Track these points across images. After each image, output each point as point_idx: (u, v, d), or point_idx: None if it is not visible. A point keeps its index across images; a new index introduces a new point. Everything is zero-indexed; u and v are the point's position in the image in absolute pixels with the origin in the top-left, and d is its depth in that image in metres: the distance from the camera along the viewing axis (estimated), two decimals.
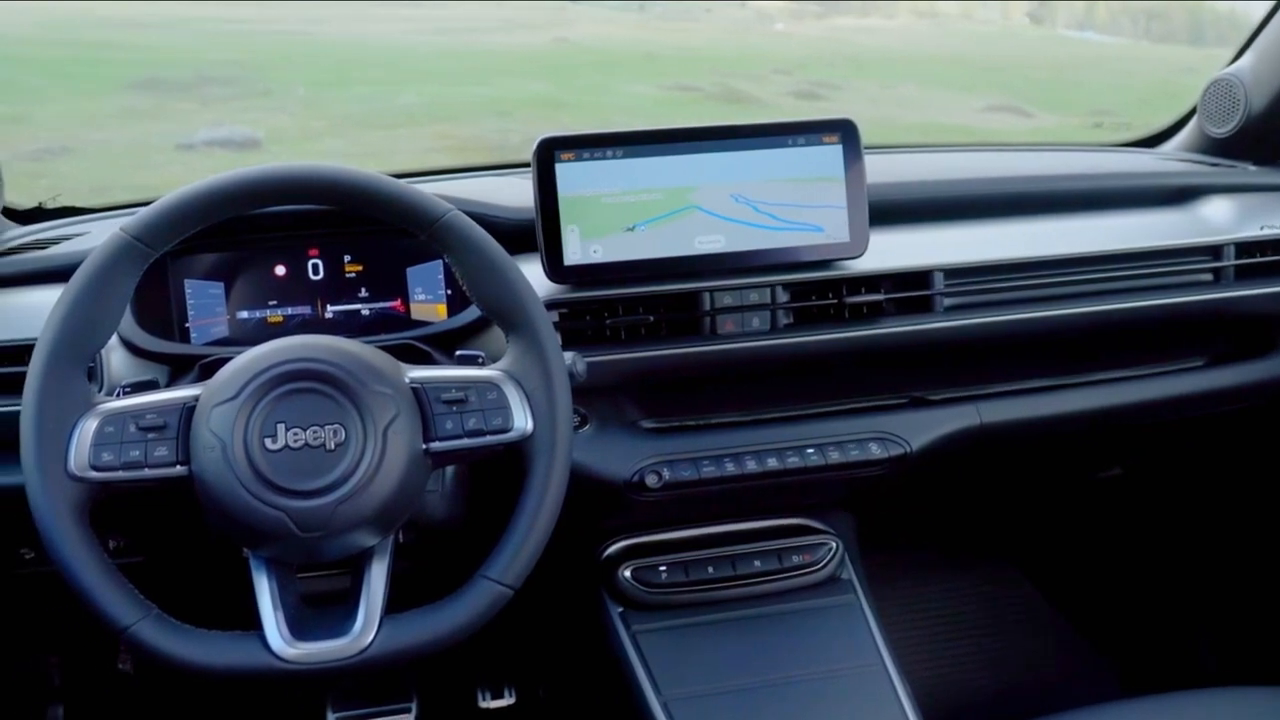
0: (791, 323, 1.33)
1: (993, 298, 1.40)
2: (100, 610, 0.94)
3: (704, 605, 1.42)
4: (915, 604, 1.97)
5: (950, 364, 1.45)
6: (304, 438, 0.95)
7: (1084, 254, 1.44)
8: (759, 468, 1.34)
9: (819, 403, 1.41)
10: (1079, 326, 1.44)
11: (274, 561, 0.99)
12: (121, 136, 6.42)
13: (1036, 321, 1.41)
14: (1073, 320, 1.42)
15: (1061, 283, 1.43)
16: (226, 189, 1.00)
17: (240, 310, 1.31)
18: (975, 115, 8.04)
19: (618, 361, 1.28)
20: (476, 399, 1.01)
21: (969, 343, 1.40)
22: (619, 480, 1.32)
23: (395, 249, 1.34)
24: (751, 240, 1.30)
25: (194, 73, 8.41)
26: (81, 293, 0.97)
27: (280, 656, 0.95)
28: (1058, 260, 1.43)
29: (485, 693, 1.75)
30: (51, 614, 1.57)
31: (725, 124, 1.30)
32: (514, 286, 1.04)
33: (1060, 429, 1.52)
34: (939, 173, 1.63)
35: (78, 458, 0.94)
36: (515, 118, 7.40)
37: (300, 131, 6.84)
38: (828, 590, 1.45)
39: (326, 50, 10.02)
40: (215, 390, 0.97)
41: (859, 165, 1.32)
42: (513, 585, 1.01)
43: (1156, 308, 1.46)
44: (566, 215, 1.26)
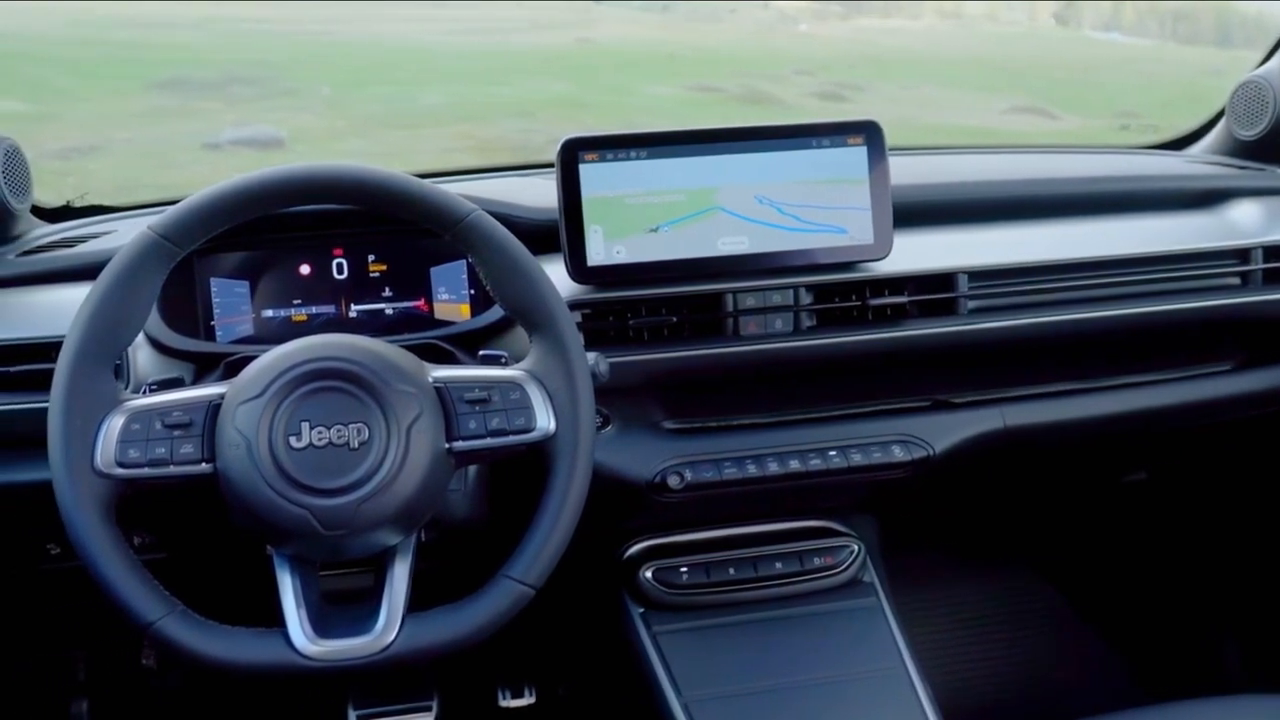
0: (815, 324, 1.33)
1: (1018, 300, 1.39)
2: (125, 606, 0.95)
3: (725, 606, 1.41)
4: (937, 607, 1.96)
5: (974, 367, 1.44)
6: (328, 436, 0.96)
7: (1110, 257, 1.43)
8: (781, 470, 1.34)
9: (841, 405, 1.40)
10: (1105, 330, 1.43)
11: (297, 559, 1.00)
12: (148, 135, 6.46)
13: (1062, 325, 1.40)
14: (1098, 324, 1.41)
15: (1087, 286, 1.42)
16: (253, 188, 1.00)
17: (265, 309, 1.32)
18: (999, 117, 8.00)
19: (640, 362, 1.28)
20: (499, 399, 1.02)
21: (993, 345, 1.39)
22: (641, 481, 1.32)
23: (419, 249, 1.34)
24: (775, 242, 1.30)
25: (220, 72, 8.45)
26: (109, 291, 0.98)
27: (303, 653, 0.96)
28: (1084, 263, 1.42)
29: (505, 692, 1.75)
30: (76, 609, 1.58)
31: (749, 125, 1.31)
32: (537, 287, 1.04)
33: (1085, 433, 1.51)
34: (963, 174, 1.62)
35: (104, 454, 0.95)
36: (537, 118, 7.41)
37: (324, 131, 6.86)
38: (849, 593, 1.44)
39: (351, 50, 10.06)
40: (240, 388, 0.98)
41: (883, 167, 1.32)
42: (534, 585, 1.01)
43: (1183, 311, 1.45)
44: (590, 216, 1.26)
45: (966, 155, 1.86)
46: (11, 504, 1.29)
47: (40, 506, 1.09)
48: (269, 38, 10.20)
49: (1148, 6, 14.06)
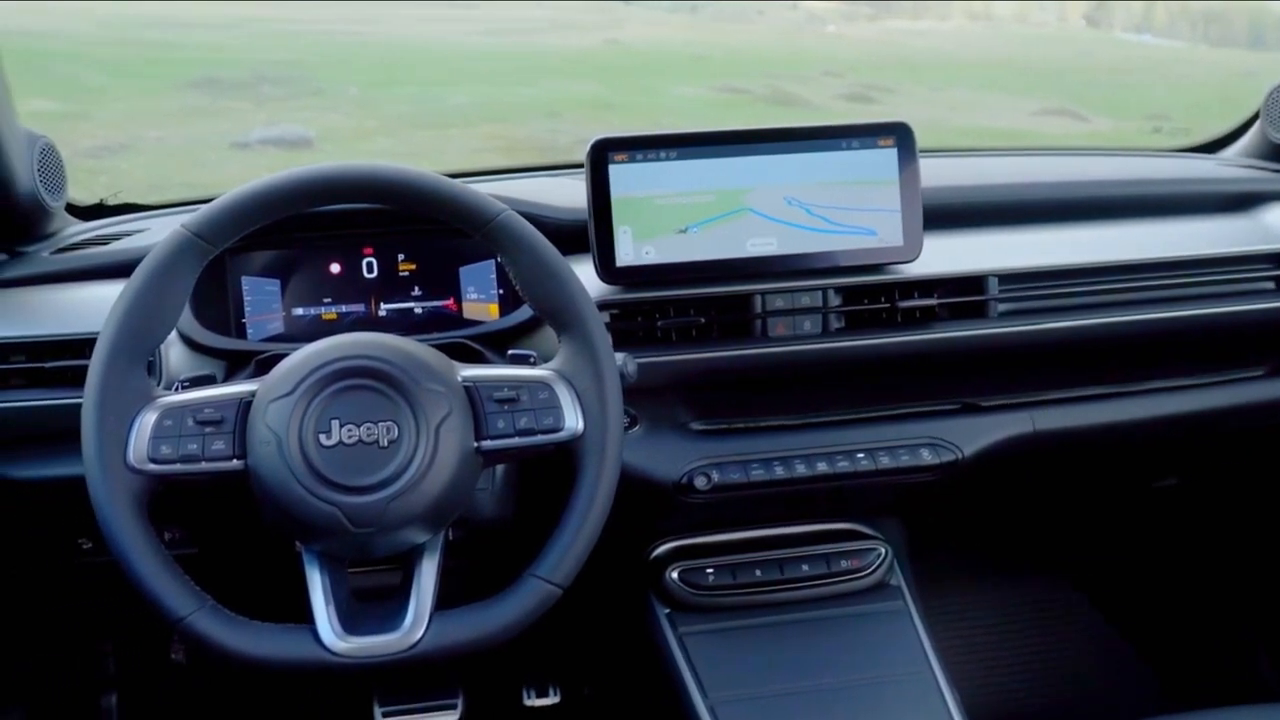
0: (843, 326, 1.33)
1: (1048, 304, 1.38)
2: (157, 601, 0.95)
3: (751, 608, 1.41)
4: (964, 611, 1.95)
5: (1004, 370, 1.43)
6: (358, 434, 0.96)
7: (1143, 261, 1.42)
8: (808, 472, 1.34)
9: (870, 407, 1.40)
10: (1136, 334, 1.41)
11: (326, 556, 1.00)
12: (178, 134, 6.51)
13: (1093, 329, 1.39)
14: (1130, 328, 1.40)
15: (1119, 290, 1.41)
16: (286, 187, 1.01)
17: (295, 307, 1.33)
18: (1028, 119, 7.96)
19: (668, 363, 1.28)
20: (528, 398, 1.02)
21: (1023, 349, 1.39)
22: (668, 481, 1.32)
23: (448, 248, 1.35)
24: (804, 243, 1.30)
25: (250, 72, 8.51)
26: (143, 288, 0.99)
27: (331, 650, 0.96)
28: (1116, 266, 1.41)
29: (530, 691, 1.76)
30: (107, 603, 1.59)
31: (779, 126, 1.30)
32: (567, 287, 1.04)
33: (1116, 438, 1.50)
34: (993, 177, 1.61)
35: (137, 450, 0.96)
36: (564, 118, 7.42)
37: (352, 131, 6.90)
38: (876, 596, 1.44)
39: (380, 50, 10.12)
40: (272, 386, 0.98)
41: (914, 169, 1.31)
42: (562, 584, 1.01)
43: (1216, 316, 1.43)
44: (619, 216, 1.26)
45: (996, 158, 1.85)
46: (45, 499, 1.30)
47: (73, 501, 1.10)
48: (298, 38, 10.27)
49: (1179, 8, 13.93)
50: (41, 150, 1.39)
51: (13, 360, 1.22)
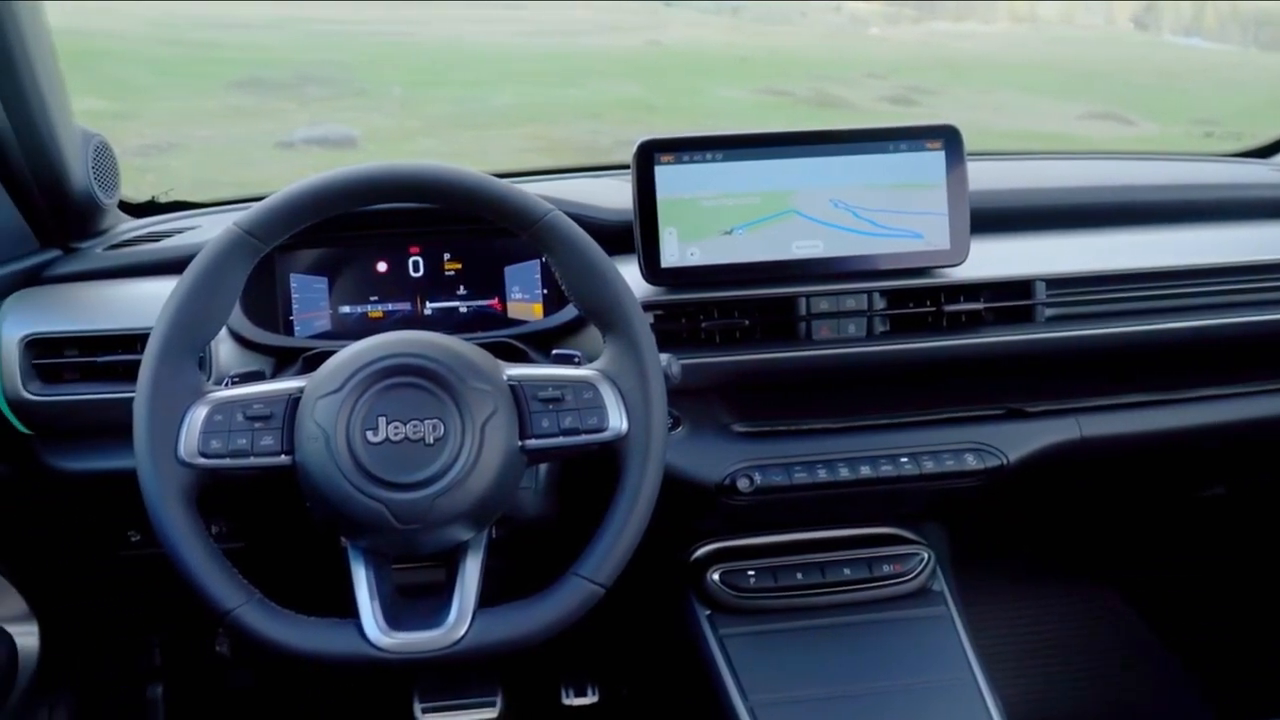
0: (888, 330, 1.32)
1: (1097, 309, 1.37)
2: (205, 593, 0.96)
3: (792, 611, 1.41)
4: (1006, 618, 1.93)
5: (1050, 375, 1.42)
6: (404, 431, 0.97)
7: (1192, 266, 1.40)
8: (851, 475, 1.33)
9: (913, 411, 1.39)
10: (1186, 341, 1.40)
11: (371, 552, 1.01)
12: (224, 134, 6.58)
13: (1142, 335, 1.37)
14: (1180, 335, 1.39)
15: (1168, 295, 1.39)
16: (336, 186, 1.02)
17: (342, 305, 1.34)
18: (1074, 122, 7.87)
19: (712, 364, 1.28)
20: (573, 398, 1.02)
21: (1070, 355, 1.37)
22: (710, 483, 1.32)
23: (493, 248, 1.36)
24: (850, 246, 1.29)
25: (295, 72, 8.59)
26: (196, 285, 1.00)
27: (376, 645, 0.97)
28: (1166, 272, 1.39)
29: (569, 690, 1.76)
30: (154, 595, 1.61)
31: (826, 129, 1.30)
32: (612, 287, 1.05)
33: (1164, 445, 1.48)
34: (1039, 180, 1.60)
35: (187, 444, 0.97)
36: (606, 120, 7.43)
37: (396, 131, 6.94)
38: (918, 601, 1.43)
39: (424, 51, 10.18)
40: (320, 382, 0.99)
41: (961, 172, 1.30)
42: (604, 584, 1.01)
43: (1269, 324, 1.41)
44: (665, 217, 1.26)
45: (1042, 161, 1.83)
46: (95, 491, 1.33)
47: (123, 494, 1.11)
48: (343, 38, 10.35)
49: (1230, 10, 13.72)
50: (96, 148, 1.41)
51: (66, 354, 1.24)
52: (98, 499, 1.35)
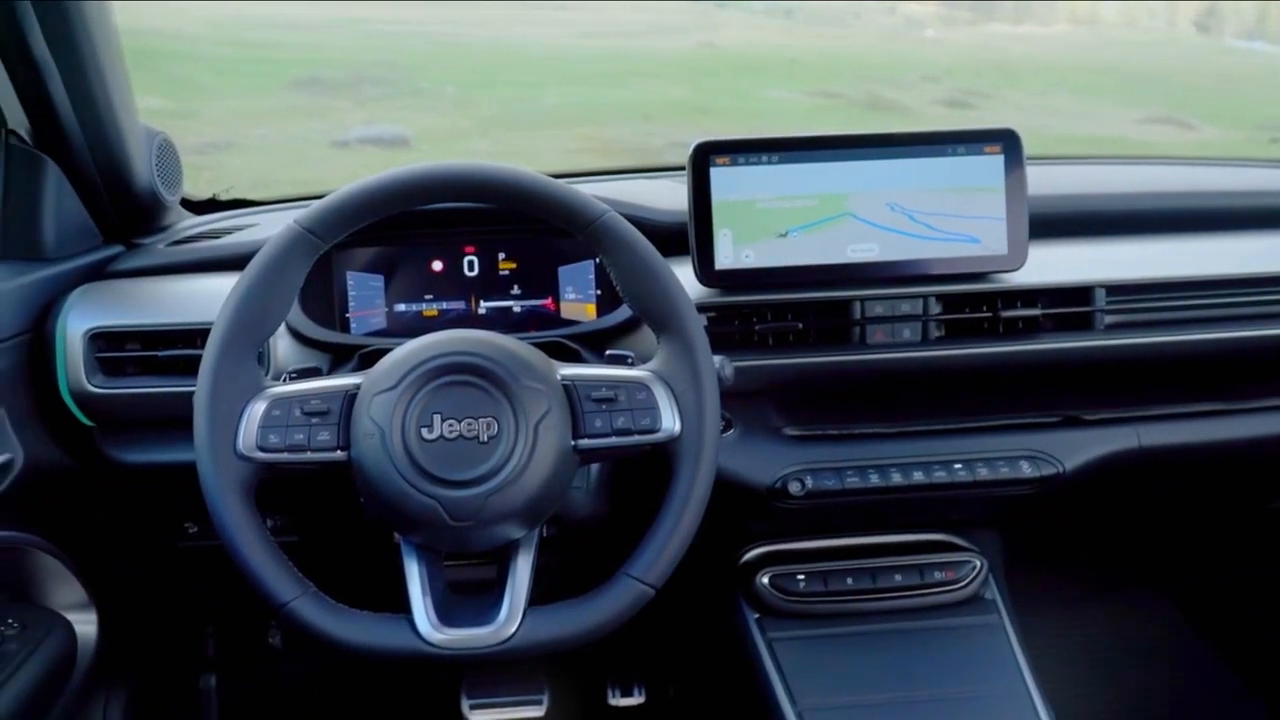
0: (943, 335, 1.31)
1: (1157, 317, 1.34)
2: (261, 586, 0.97)
3: (841, 617, 1.40)
4: (1062, 630, 1.90)
5: (1108, 383, 1.40)
6: (458, 429, 0.98)
7: (1256, 275, 1.37)
8: (904, 481, 1.32)
9: (968, 417, 1.37)
10: (1249, 350, 1.37)
11: (424, 548, 1.01)
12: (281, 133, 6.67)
13: (1204, 344, 1.35)
14: (1243, 344, 1.36)
15: (1231, 304, 1.36)
16: (395, 185, 1.03)
17: (398, 303, 1.35)
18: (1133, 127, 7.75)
19: (765, 367, 1.28)
20: (626, 398, 1.02)
21: (1130, 363, 1.35)
22: (761, 486, 1.31)
23: (548, 248, 1.36)
24: (906, 250, 1.28)
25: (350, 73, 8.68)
26: (256, 281, 1.01)
27: (427, 640, 0.98)
28: (1228, 280, 1.36)
29: (615, 690, 1.76)
30: (208, 587, 1.64)
31: (883, 132, 1.29)
32: (667, 288, 1.05)
33: (1226, 456, 1.45)
34: (1098, 185, 1.58)
35: (246, 439, 0.98)
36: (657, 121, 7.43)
37: (449, 131, 6.99)
38: (970, 609, 1.42)
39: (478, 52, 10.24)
40: (376, 379, 1.00)
41: (1020, 176, 1.29)
42: (655, 585, 1.01)
43: None
44: (720, 219, 1.26)
45: (1100, 166, 1.81)
46: (154, 483, 1.35)
47: (181, 486, 1.13)
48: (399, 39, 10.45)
49: None
50: (159, 146, 1.43)
51: (128, 348, 1.26)
52: (156, 491, 1.37)
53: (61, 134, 1.29)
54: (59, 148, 1.30)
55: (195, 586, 1.64)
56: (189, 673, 1.75)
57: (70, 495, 1.34)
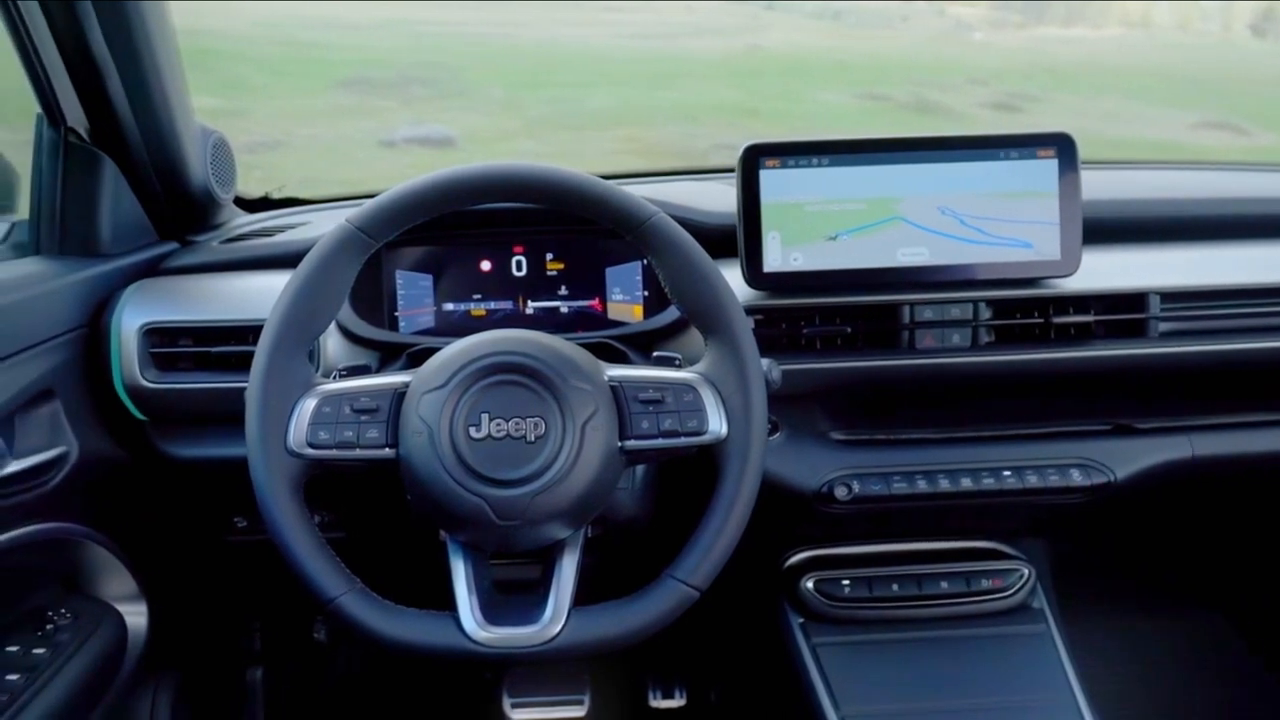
0: (993, 341, 1.29)
1: (1213, 325, 1.32)
2: (310, 581, 0.98)
3: (886, 623, 1.39)
4: (1111, 642, 1.87)
5: (1161, 391, 1.38)
6: (506, 428, 0.98)
7: None
8: (952, 487, 1.31)
9: (1017, 424, 1.36)
10: None
11: (470, 547, 1.02)
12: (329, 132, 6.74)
13: (1260, 353, 1.32)
14: None
15: None
16: (447, 185, 1.03)
17: (446, 302, 1.36)
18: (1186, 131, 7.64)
19: (812, 371, 1.27)
20: (673, 400, 1.02)
21: (1184, 371, 1.33)
22: (807, 490, 1.31)
23: (595, 249, 1.36)
24: (956, 254, 1.27)
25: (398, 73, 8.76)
26: (309, 279, 1.02)
27: (473, 638, 0.98)
28: None
29: (656, 692, 1.76)
30: (255, 581, 1.65)
31: (934, 135, 1.28)
32: (716, 290, 1.04)
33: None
34: (1151, 190, 1.55)
35: (296, 435, 0.99)
36: (702, 123, 7.43)
37: (494, 131, 7.03)
38: (1017, 618, 1.40)
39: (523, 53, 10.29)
40: (425, 378, 1.00)
41: (1074, 181, 1.27)
42: (699, 587, 1.01)
43: None
44: (769, 221, 1.26)
45: (1154, 171, 1.78)
46: (205, 477, 1.36)
47: (230, 481, 1.14)
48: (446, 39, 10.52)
49: None
50: (214, 145, 1.45)
51: (181, 344, 1.28)
52: (207, 485, 1.39)
53: (119, 132, 1.31)
54: (117, 146, 1.32)
55: (243, 580, 1.66)
56: (236, 665, 1.77)
57: (122, 488, 1.36)
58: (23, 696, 1.17)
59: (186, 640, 1.61)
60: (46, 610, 1.31)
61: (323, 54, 9.25)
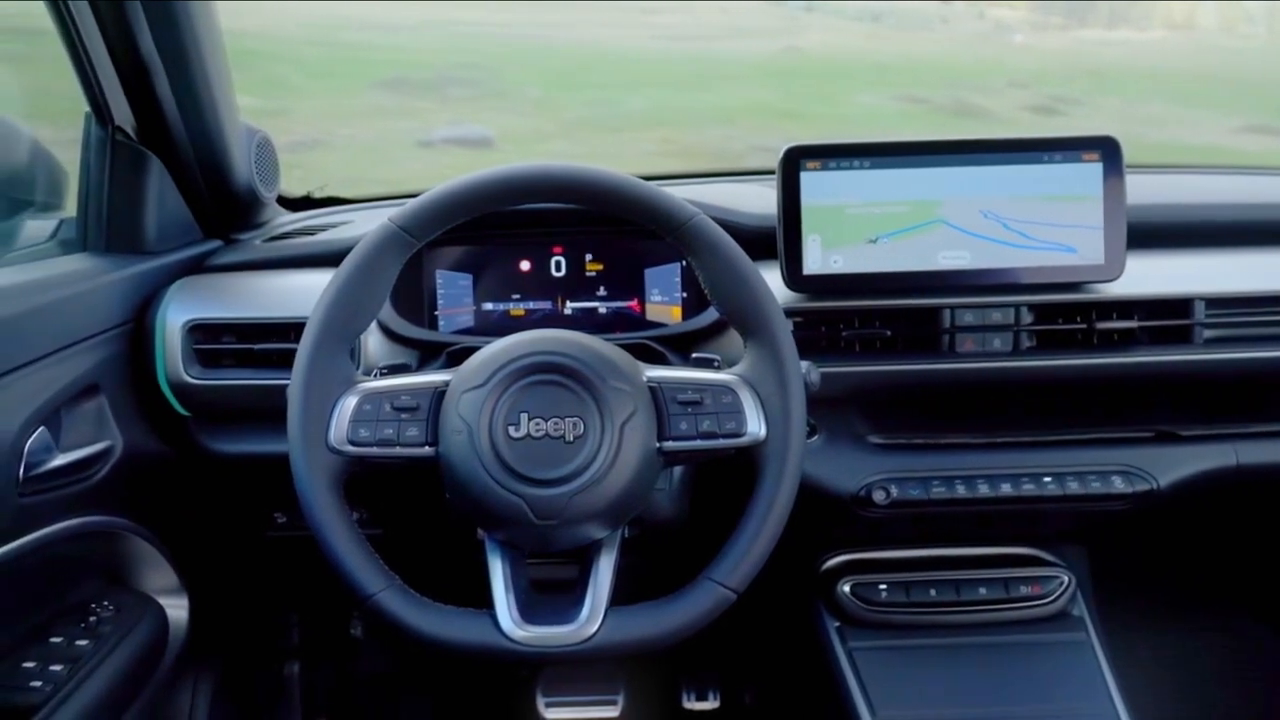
0: (1035, 345, 1.28)
1: (1258, 331, 1.30)
2: (349, 577, 0.99)
3: (923, 628, 1.38)
4: (1153, 652, 1.84)
5: (1205, 398, 1.36)
6: (545, 428, 0.98)
7: None
8: (991, 493, 1.30)
9: (1058, 430, 1.35)
10: None
11: (508, 545, 1.02)
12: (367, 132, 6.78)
13: None
14: None
15: None
16: (489, 185, 1.03)
17: (485, 302, 1.37)
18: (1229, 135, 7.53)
19: (851, 374, 1.26)
20: (711, 401, 1.02)
21: (1229, 378, 1.31)
22: (845, 494, 1.30)
23: (634, 250, 1.36)
24: (998, 258, 1.26)
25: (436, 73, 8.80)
26: (351, 277, 1.02)
27: (510, 637, 0.98)
28: None
29: (690, 694, 1.76)
30: (293, 576, 1.67)
31: (977, 137, 1.27)
32: (756, 292, 1.04)
33: None
34: (1195, 195, 1.53)
35: (337, 432, 1.00)
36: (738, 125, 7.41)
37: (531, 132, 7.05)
38: (1057, 625, 1.39)
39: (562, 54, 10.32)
40: (465, 377, 1.01)
41: (1119, 185, 1.26)
42: (736, 589, 1.01)
43: None
44: (809, 224, 1.25)
45: (1198, 175, 1.76)
46: (245, 473, 1.38)
47: (271, 477, 1.15)
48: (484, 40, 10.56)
49: None
50: (259, 144, 1.47)
51: (224, 340, 1.29)
52: (248, 481, 1.41)
53: (166, 131, 1.33)
54: (163, 144, 1.34)
55: (281, 575, 1.67)
56: (273, 659, 1.79)
57: (165, 483, 1.38)
58: (66, 687, 1.18)
59: (226, 633, 1.63)
60: (90, 603, 1.33)
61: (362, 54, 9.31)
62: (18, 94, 1.50)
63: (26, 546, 1.11)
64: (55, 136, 1.42)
